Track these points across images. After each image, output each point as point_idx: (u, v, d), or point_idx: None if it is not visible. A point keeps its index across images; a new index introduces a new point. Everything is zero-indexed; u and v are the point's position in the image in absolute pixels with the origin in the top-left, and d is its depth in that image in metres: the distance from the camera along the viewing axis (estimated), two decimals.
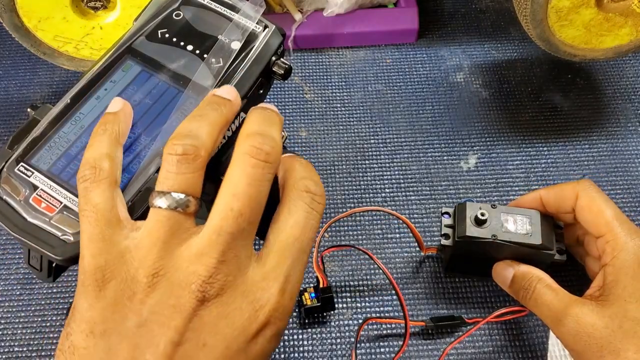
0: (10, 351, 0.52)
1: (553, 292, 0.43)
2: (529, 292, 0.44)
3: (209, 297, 0.27)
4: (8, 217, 0.32)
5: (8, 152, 0.33)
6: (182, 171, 0.28)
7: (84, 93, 0.35)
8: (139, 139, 0.33)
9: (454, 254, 0.51)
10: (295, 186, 0.30)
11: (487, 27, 0.75)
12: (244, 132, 0.29)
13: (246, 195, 0.28)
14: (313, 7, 0.72)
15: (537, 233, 0.47)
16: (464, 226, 0.47)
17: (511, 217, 0.47)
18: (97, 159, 0.29)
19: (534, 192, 0.49)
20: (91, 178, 0.29)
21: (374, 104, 0.68)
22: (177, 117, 0.34)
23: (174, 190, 0.28)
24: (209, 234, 0.28)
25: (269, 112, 0.31)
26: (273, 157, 0.29)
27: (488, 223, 0.47)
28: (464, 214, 0.48)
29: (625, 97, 0.69)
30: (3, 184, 0.33)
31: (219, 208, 0.28)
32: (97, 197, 0.28)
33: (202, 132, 0.29)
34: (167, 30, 0.37)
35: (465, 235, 0.47)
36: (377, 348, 0.52)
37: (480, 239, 0.47)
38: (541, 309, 0.43)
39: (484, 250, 0.48)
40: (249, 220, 0.28)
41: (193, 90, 0.34)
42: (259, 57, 0.36)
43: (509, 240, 0.46)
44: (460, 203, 0.49)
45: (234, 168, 0.28)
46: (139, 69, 0.36)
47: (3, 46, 0.72)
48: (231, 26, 0.37)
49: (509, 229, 0.47)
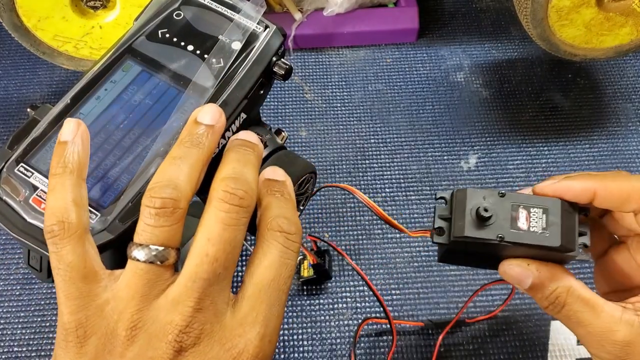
0: (10, 351, 0.52)
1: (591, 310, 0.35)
2: (558, 307, 0.36)
3: (186, 347, 0.27)
4: (8, 218, 0.32)
5: (8, 152, 0.33)
6: (161, 224, 0.28)
7: (84, 93, 0.35)
8: (139, 140, 0.33)
9: (449, 248, 0.40)
10: (269, 226, 0.30)
11: (487, 26, 0.75)
12: (218, 176, 0.29)
13: (221, 240, 0.28)
14: (313, 7, 0.72)
15: (556, 231, 0.36)
16: (462, 223, 0.37)
17: (523, 210, 0.37)
18: (63, 209, 0.28)
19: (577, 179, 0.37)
20: (60, 234, 0.28)
21: (374, 104, 0.68)
22: (177, 118, 0.34)
23: (152, 243, 0.28)
24: (185, 281, 0.28)
25: (243, 151, 0.31)
26: (247, 202, 0.29)
27: (493, 220, 0.36)
28: (464, 206, 0.37)
29: (625, 97, 0.69)
30: (3, 185, 0.32)
31: (193, 254, 0.28)
32: (69, 255, 0.28)
33: (181, 179, 0.28)
34: (168, 30, 0.36)
35: (463, 236, 0.37)
36: (376, 348, 0.52)
37: (483, 240, 0.37)
38: (574, 328, 0.36)
39: (486, 250, 0.39)
40: (224, 265, 0.28)
41: (194, 90, 0.34)
42: (259, 57, 0.36)
43: (520, 241, 0.36)
44: (460, 189, 0.38)
45: (209, 213, 0.28)
46: (139, 69, 0.35)
47: (3, 46, 0.72)
48: (232, 26, 0.36)
49: (520, 226, 0.37)
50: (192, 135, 0.30)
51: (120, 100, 0.35)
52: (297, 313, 0.54)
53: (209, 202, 0.29)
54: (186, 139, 0.30)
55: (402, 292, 0.55)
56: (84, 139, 0.30)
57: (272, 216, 0.30)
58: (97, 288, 0.28)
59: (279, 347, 0.53)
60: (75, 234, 0.28)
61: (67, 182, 0.29)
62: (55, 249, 0.28)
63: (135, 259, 0.28)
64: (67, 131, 0.30)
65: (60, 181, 0.29)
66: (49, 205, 0.29)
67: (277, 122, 0.67)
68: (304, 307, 0.55)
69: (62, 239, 0.28)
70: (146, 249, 0.27)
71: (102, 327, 0.27)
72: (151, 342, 0.27)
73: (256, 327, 0.28)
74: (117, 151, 0.33)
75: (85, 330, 0.27)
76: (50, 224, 0.28)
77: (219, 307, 0.28)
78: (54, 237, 0.28)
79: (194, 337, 0.27)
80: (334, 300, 0.55)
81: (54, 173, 0.29)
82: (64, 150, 0.30)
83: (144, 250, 0.28)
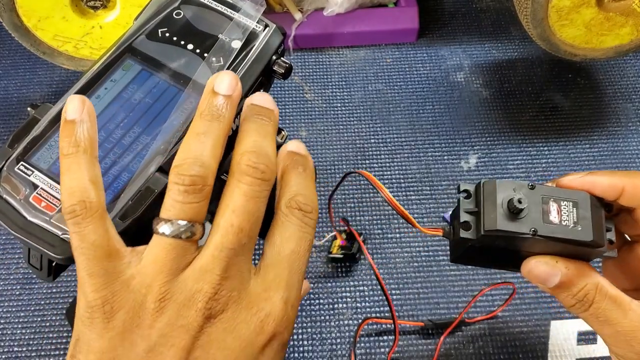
0: (10, 351, 0.52)
1: (618, 308, 0.34)
2: (585, 305, 0.35)
3: (215, 314, 0.28)
4: (8, 216, 0.32)
5: (8, 150, 0.33)
6: (190, 200, 0.28)
7: (84, 92, 0.35)
8: (139, 138, 0.33)
9: (472, 245, 0.37)
10: (288, 204, 0.31)
11: (487, 26, 0.75)
12: (239, 149, 0.30)
13: (245, 211, 0.29)
14: (313, 7, 0.72)
15: (587, 225, 0.35)
16: (493, 216, 0.34)
17: (554, 203, 0.35)
18: (82, 189, 0.28)
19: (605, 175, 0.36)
20: (82, 214, 0.28)
21: (374, 104, 0.68)
22: (177, 117, 0.34)
23: (180, 219, 0.28)
24: (212, 251, 0.28)
25: (261, 122, 0.31)
26: (268, 175, 0.30)
27: (526, 212, 0.34)
28: (494, 198, 0.35)
29: (625, 97, 0.69)
30: (3, 183, 0.32)
31: (219, 225, 0.29)
32: (92, 234, 0.28)
33: (206, 155, 0.29)
34: (168, 29, 0.36)
35: (495, 229, 0.34)
36: (376, 348, 0.52)
37: (516, 234, 0.34)
38: (600, 328, 0.35)
39: (514, 246, 0.36)
40: (249, 235, 0.29)
41: (193, 89, 0.34)
42: (259, 56, 0.36)
43: (553, 235, 0.34)
44: (487, 181, 0.36)
45: (232, 186, 0.29)
46: (139, 68, 0.36)
47: (3, 46, 0.72)
48: (232, 25, 0.36)
49: (552, 220, 0.35)
50: (211, 107, 0.30)
51: (121, 99, 0.35)
52: (297, 313, 0.54)
53: (231, 175, 0.29)
54: (206, 112, 0.30)
55: (402, 292, 0.55)
56: (92, 116, 0.30)
57: (291, 194, 0.31)
58: (121, 265, 0.28)
59: None
60: (96, 213, 0.28)
61: (82, 160, 0.29)
62: (77, 229, 0.28)
63: (163, 234, 0.28)
64: (72, 109, 0.30)
65: (75, 160, 0.29)
66: (67, 186, 0.29)
67: None
68: (304, 307, 0.55)
69: (84, 218, 0.28)
70: (174, 224, 0.28)
71: (129, 301, 0.28)
72: (180, 311, 0.28)
73: (280, 291, 0.29)
74: (117, 150, 0.33)
75: (112, 305, 0.28)
76: (70, 204, 0.28)
77: (244, 275, 0.29)
78: (76, 216, 0.28)
79: (222, 303, 0.28)
80: (334, 300, 0.55)
81: (66, 153, 0.29)
82: (72, 129, 0.29)
83: (172, 225, 0.28)
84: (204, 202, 0.29)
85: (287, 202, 0.31)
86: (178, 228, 0.28)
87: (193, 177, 0.28)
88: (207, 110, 0.30)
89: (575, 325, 0.54)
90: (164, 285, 0.28)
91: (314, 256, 0.57)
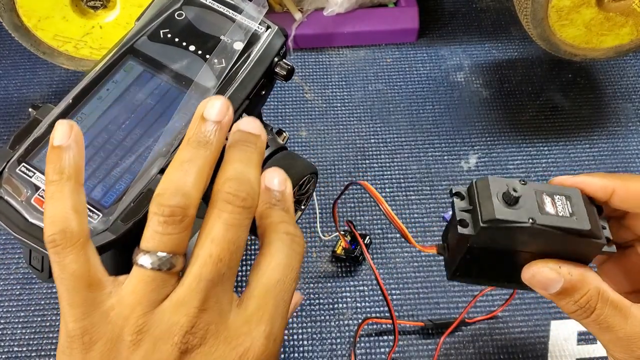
0: (10, 351, 0.52)
1: (620, 314, 0.34)
2: (587, 312, 0.34)
3: (192, 348, 0.27)
4: (9, 218, 0.32)
5: (9, 152, 0.33)
6: (169, 232, 0.28)
7: (86, 93, 0.35)
8: (141, 140, 0.33)
9: (471, 247, 0.36)
10: (275, 229, 0.30)
11: (487, 26, 0.75)
12: (221, 176, 0.29)
13: (224, 240, 0.28)
14: (313, 7, 0.72)
15: (583, 216, 0.35)
16: (490, 206, 0.34)
17: (548, 196, 0.35)
18: (64, 218, 0.28)
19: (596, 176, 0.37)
20: (62, 243, 0.28)
21: (374, 104, 0.68)
22: (179, 118, 0.34)
23: (160, 250, 0.28)
24: (189, 283, 0.28)
25: (245, 148, 0.30)
26: (249, 202, 0.29)
27: (521, 204, 0.34)
28: (488, 192, 0.35)
29: (625, 97, 0.69)
30: (5, 185, 0.32)
31: (197, 255, 0.28)
32: (72, 264, 0.28)
33: (189, 185, 0.28)
34: (169, 30, 0.36)
35: (494, 219, 0.34)
36: (376, 348, 0.52)
37: (515, 223, 0.34)
38: (602, 334, 0.35)
39: (512, 243, 0.36)
40: (228, 265, 0.28)
41: (195, 90, 0.34)
42: (261, 57, 0.36)
43: (552, 224, 0.34)
44: (480, 179, 0.36)
45: (212, 214, 0.28)
46: (141, 69, 0.35)
47: (3, 46, 0.72)
48: (234, 27, 0.36)
49: (548, 211, 0.34)
50: (199, 133, 0.29)
51: (122, 101, 0.35)
52: (297, 313, 0.54)
53: (212, 204, 0.29)
54: (193, 139, 0.29)
55: (402, 292, 0.55)
56: (79, 142, 0.29)
57: (277, 220, 0.30)
58: (101, 295, 0.28)
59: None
60: (78, 242, 0.28)
61: (66, 188, 0.29)
62: (58, 258, 0.28)
63: (142, 266, 0.27)
64: (60, 134, 0.29)
65: (58, 188, 0.29)
66: (49, 214, 0.28)
67: (277, 122, 0.67)
68: (304, 307, 0.55)
69: (64, 247, 0.28)
70: (153, 256, 0.27)
71: (107, 332, 0.27)
72: (157, 345, 0.27)
73: (262, 325, 0.28)
74: (119, 151, 0.33)
75: (91, 336, 0.27)
76: (51, 233, 0.28)
77: (224, 307, 0.28)
78: (57, 246, 0.28)
79: (199, 337, 0.27)
80: (334, 300, 0.55)
81: (50, 180, 0.29)
82: (58, 155, 0.29)
83: (151, 257, 0.27)
84: (185, 233, 0.28)
85: (275, 227, 0.30)
86: (157, 260, 0.27)
87: (173, 207, 0.27)
88: (194, 137, 0.29)
89: (575, 325, 0.54)
90: (141, 317, 0.27)
91: (314, 256, 0.57)
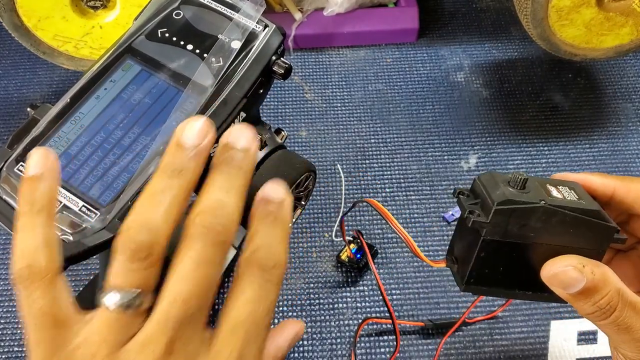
0: (10, 351, 0.52)
1: (637, 314, 0.33)
2: (607, 313, 0.33)
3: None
4: (8, 217, 0.32)
5: (8, 151, 0.33)
6: (135, 269, 0.26)
7: (84, 92, 0.35)
8: (139, 139, 0.33)
9: (485, 240, 0.35)
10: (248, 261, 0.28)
11: (487, 26, 0.75)
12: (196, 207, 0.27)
13: (194, 277, 0.26)
14: (313, 7, 0.72)
15: (590, 200, 0.35)
16: (500, 191, 0.34)
17: (551, 185, 0.36)
18: (32, 252, 0.26)
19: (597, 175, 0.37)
20: (30, 279, 0.26)
21: (374, 104, 0.68)
22: (176, 117, 0.34)
23: (125, 288, 0.26)
24: (156, 322, 0.26)
25: (228, 171, 0.28)
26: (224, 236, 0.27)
27: (529, 189, 0.34)
28: (495, 182, 0.35)
29: (625, 97, 0.69)
30: (3, 184, 0.32)
31: (166, 293, 0.26)
32: (39, 300, 0.26)
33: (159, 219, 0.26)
34: (167, 29, 0.36)
35: (506, 200, 0.33)
36: (376, 348, 0.52)
37: (527, 204, 0.33)
38: (619, 336, 0.34)
39: (525, 231, 0.35)
40: (198, 304, 0.26)
41: (193, 89, 0.34)
42: (259, 56, 0.36)
43: (563, 205, 0.34)
44: (483, 173, 0.36)
45: (183, 250, 0.27)
46: (138, 68, 0.36)
47: (3, 45, 0.72)
48: (231, 25, 0.36)
49: (556, 195, 0.35)
50: (173, 161, 0.27)
51: (120, 100, 0.35)
52: (297, 313, 0.54)
53: (183, 237, 0.27)
54: (167, 167, 0.27)
55: (402, 292, 0.55)
56: (53, 172, 0.28)
57: (253, 248, 0.28)
58: (68, 333, 0.27)
59: None
60: (45, 278, 0.27)
61: (37, 221, 0.27)
62: (25, 294, 0.26)
63: (107, 306, 0.26)
64: (34, 164, 0.28)
65: (29, 220, 0.27)
66: (17, 247, 0.27)
67: (277, 121, 0.67)
68: (304, 307, 0.55)
69: (32, 283, 0.26)
70: (118, 295, 0.26)
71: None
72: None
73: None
74: (117, 150, 0.33)
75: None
76: (19, 268, 0.26)
77: (192, 348, 0.27)
78: (24, 281, 0.26)
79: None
80: (334, 300, 0.55)
81: (22, 212, 0.27)
82: (31, 186, 0.27)
83: (116, 295, 0.26)
84: (153, 269, 0.26)
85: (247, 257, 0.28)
86: (122, 299, 0.26)
87: (139, 243, 0.26)
88: (168, 165, 0.27)
89: (575, 325, 0.54)
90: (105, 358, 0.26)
91: (314, 256, 0.57)
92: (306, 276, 0.56)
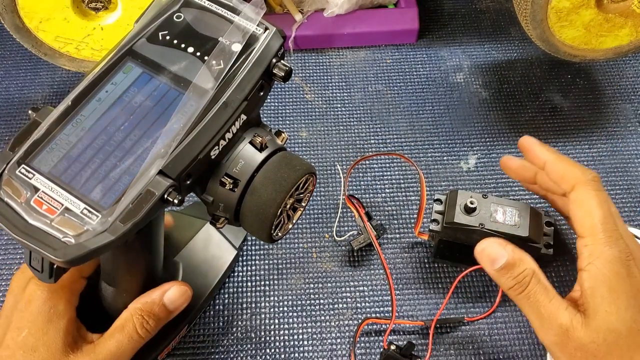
0: None
1: (546, 293, 0.40)
2: (522, 286, 0.40)
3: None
4: (9, 219, 0.32)
5: (9, 154, 0.33)
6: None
7: (85, 95, 0.35)
8: (140, 141, 0.33)
9: (441, 239, 0.52)
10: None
11: (487, 27, 0.76)
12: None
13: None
14: (313, 8, 0.72)
15: (525, 225, 0.48)
16: (452, 213, 0.49)
17: (501, 207, 0.49)
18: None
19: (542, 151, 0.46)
20: None
21: (374, 104, 0.68)
22: (177, 120, 0.34)
23: None
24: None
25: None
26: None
27: (477, 212, 0.49)
28: (455, 201, 0.50)
29: (625, 98, 0.69)
30: (4, 186, 0.33)
31: None
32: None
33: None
34: (168, 32, 0.37)
35: (453, 222, 0.49)
36: (376, 348, 0.53)
37: (467, 226, 0.49)
38: (530, 309, 0.40)
39: (470, 238, 0.49)
40: None
41: (194, 92, 0.35)
42: (259, 59, 0.36)
43: (496, 230, 0.48)
44: (452, 190, 0.51)
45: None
46: (139, 71, 0.36)
47: (4, 47, 0.73)
48: (232, 28, 0.37)
49: (498, 219, 0.48)
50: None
51: (121, 102, 0.35)
52: (297, 313, 0.54)
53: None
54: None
55: (401, 292, 0.56)
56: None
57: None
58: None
59: (279, 347, 0.53)
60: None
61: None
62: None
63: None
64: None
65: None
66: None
67: (277, 122, 0.67)
68: (304, 307, 0.55)
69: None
70: None
71: None
72: None
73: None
74: (118, 153, 0.33)
75: None
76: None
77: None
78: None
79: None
80: (334, 300, 0.55)
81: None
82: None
83: None
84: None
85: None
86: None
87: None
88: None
89: None
90: None
91: (314, 256, 0.57)
92: (306, 276, 0.56)
